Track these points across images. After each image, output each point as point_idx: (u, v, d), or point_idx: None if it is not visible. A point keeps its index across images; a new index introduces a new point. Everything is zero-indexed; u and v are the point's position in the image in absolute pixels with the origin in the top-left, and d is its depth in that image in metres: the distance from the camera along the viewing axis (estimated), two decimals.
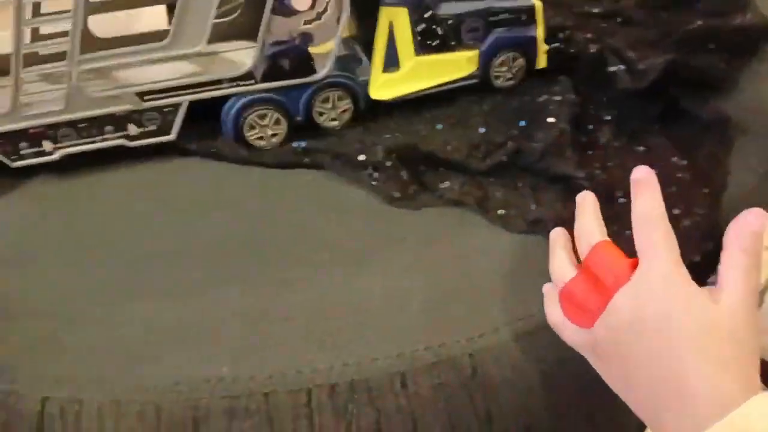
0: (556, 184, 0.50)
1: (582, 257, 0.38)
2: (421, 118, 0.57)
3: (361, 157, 0.52)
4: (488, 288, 0.44)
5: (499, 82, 0.59)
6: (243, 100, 0.55)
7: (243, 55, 0.56)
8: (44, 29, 0.54)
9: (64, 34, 0.51)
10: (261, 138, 0.57)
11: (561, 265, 0.40)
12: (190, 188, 0.54)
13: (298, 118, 0.57)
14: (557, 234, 0.42)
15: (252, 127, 0.56)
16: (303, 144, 0.55)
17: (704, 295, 0.34)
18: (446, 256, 0.46)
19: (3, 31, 0.50)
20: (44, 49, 0.52)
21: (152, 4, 0.58)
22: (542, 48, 0.59)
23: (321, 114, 0.57)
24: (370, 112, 0.58)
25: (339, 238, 0.49)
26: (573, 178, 0.49)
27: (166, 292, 0.45)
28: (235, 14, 0.58)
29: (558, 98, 0.55)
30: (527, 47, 0.58)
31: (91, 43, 0.53)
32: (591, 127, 0.55)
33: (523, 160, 0.51)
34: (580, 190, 0.42)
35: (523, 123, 0.54)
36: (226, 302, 0.44)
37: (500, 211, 0.48)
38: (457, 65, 0.57)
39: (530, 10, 0.58)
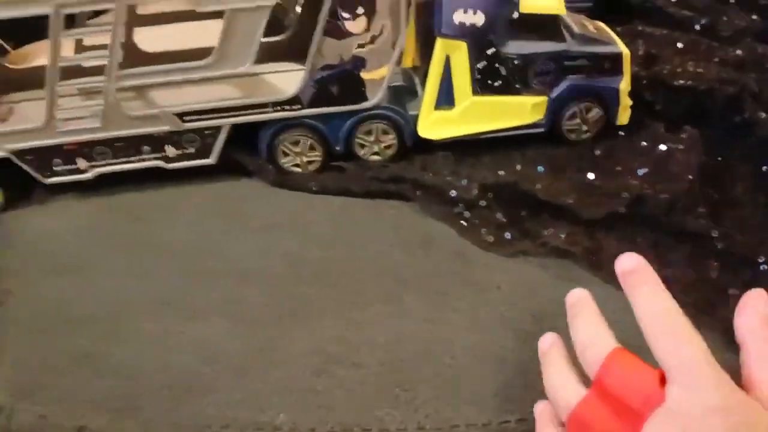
0: (683, 243, 0.45)
1: (589, 370, 0.31)
2: (521, 156, 0.53)
3: (453, 193, 0.49)
4: None
5: (573, 136, 0.54)
6: (278, 125, 0.52)
7: (290, 78, 0.54)
8: (88, 41, 0.51)
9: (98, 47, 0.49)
10: (297, 165, 0.54)
11: (563, 383, 0.32)
12: (263, 209, 0.52)
13: (338, 148, 0.54)
14: (549, 341, 0.34)
15: (285, 154, 0.54)
16: (390, 171, 0.52)
17: (756, 410, 0.28)
18: (545, 312, 0.42)
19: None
20: (85, 62, 0.49)
21: (194, 20, 0.56)
22: (626, 102, 0.54)
23: (362, 146, 0.55)
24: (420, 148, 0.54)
25: (423, 279, 0.45)
26: (705, 237, 0.44)
27: (227, 317, 0.43)
28: (284, 34, 0.56)
29: (682, 147, 0.50)
30: (607, 99, 0.53)
31: (133, 58, 0.51)
32: (724, 180, 0.49)
33: (645, 213, 0.47)
34: (712, 252, 0.37)
35: (642, 171, 0.49)
36: (291, 337, 0.41)
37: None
38: (520, 111, 0.52)
39: (616, 58, 0.52)
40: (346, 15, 0.48)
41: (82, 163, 0.52)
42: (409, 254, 0.47)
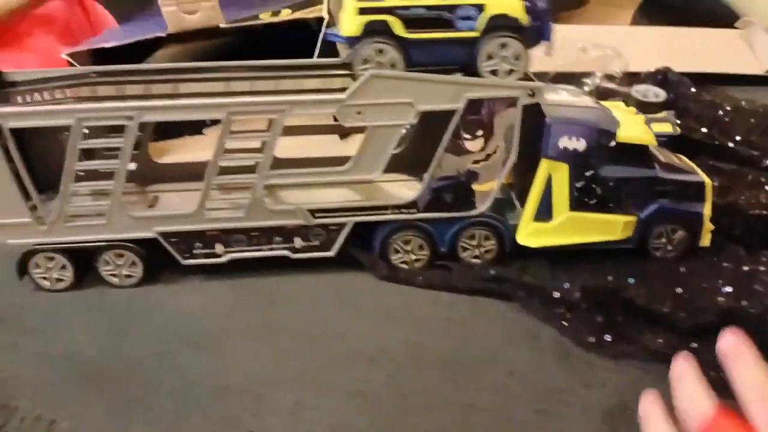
0: None
1: (685, 424, 0.34)
2: (612, 267, 0.57)
3: (556, 294, 0.54)
4: None
5: (659, 254, 0.59)
6: (394, 225, 0.59)
7: (407, 185, 0.61)
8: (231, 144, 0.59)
9: (247, 149, 0.56)
10: (405, 262, 0.60)
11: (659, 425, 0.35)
12: (376, 300, 0.57)
13: (443, 249, 0.60)
14: (650, 404, 0.37)
15: (396, 252, 0.60)
16: (493, 272, 0.57)
17: None
18: None
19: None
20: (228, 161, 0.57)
21: (335, 133, 0.64)
22: (708, 226, 0.59)
23: (465, 249, 0.60)
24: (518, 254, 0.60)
25: (530, 372, 0.49)
26: None
27: (356, 395, 0.47)
28: (402, 148, 0.63)
29: (764, 268, 0.54)
30: (692, 223, 0.58)
31: (276, 161, 0.59)
32: None
33: (735, 325, 0.51)
34: None
35: (727, 290, 0.53)
36: (413, 416, 0.46)
37: (711, 373, 0.43)
38: (612, 227, 0.58)
39: (699, 187, 0.58)
40: (467, 135, 0.55)
41: (219, 248, 0.59)
42: (516, 348, 0.52)
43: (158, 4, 0.92)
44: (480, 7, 0.53)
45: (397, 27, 0.53)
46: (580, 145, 0.55)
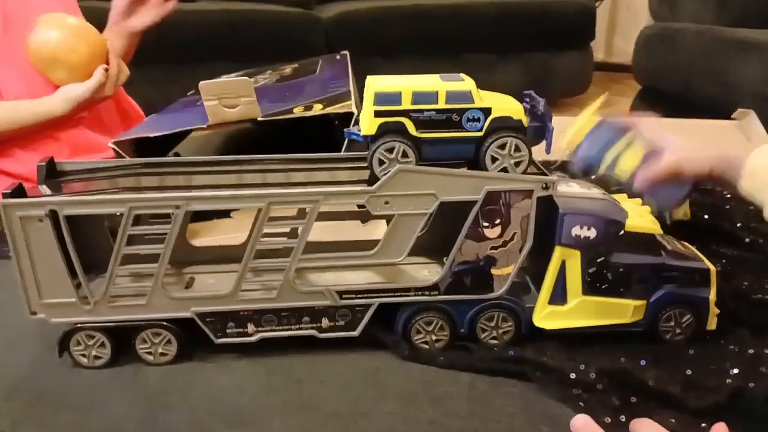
0: None
1: None
2: (624, 349, 0.60)
3: (572, 375, 0.56)
4: None
5: (668, 337, 0.62)
6: (416, 306, 0.62)
7: (428, 268, 0.65)
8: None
9: (279, 234, 0.61)
10: (426, 342, 0.63)
11: None
12: (399, 379, 0.60)
13: (462, 330, 0.63)
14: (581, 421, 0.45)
15: (418, 332, 0.63)
16: (512, 352, 0.60)
17: None
18: None
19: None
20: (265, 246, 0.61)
21: (357, 218, 0.68)
22: (714, 310, 0.62)
23: (483, 330, 0.63)
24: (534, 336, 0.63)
25: None
26: None
27: None
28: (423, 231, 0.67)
29: None
30: (698, 307, 0.62)
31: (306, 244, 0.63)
32: None
33: (743, 405, 0.53)
34: None
35: (735, 371, 0.56)
36: None
37: None
38: (623, 311, 0.61)
39: (705, 273, 0.62)
40: (485, 223, 0.59)
41: (251, 327, 0.62)
42: (536, 428, 0.54)
43: (189, 95, 0.99)
44: (486, 111, 0.58)
45: (410, 127, 0.58)
46: (591, 233, 0.60)
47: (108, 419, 0.56)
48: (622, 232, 0.61)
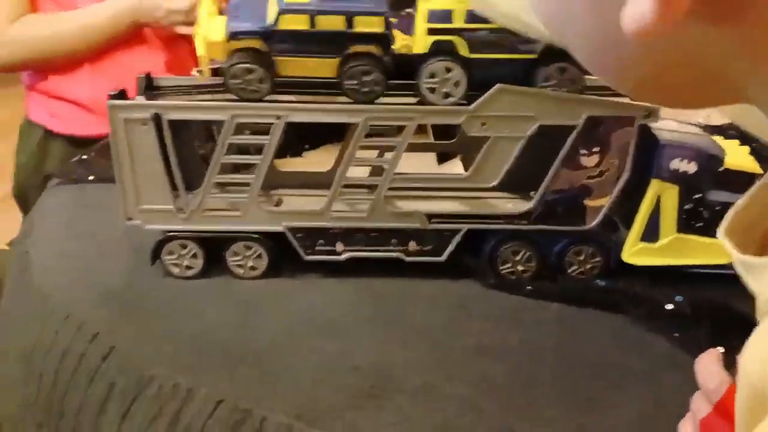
0: None
1: (711, 399, 0.42)
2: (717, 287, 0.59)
3: (668, 306, 0.56)
4: None
5: None
6: (504, 235, 0.62)
7: (514, 202, 0.64)
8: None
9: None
10: (512, 272, 0.63)
11: (700, 400, 0.43)
12: (485, 305, 0.60)
13: (549, 263, 0.62)
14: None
15: (505, 261, 0.63)
16: (602, 283, 0.60)
17: None
18: None
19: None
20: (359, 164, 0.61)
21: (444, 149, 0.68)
22: None
23: (571, 264, 0.63)
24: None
25: (645, 375, 0.51)
26: None
27: (482, 383, 0.51)
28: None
29: None
30: None
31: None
32: None
33: None
34: None
35: None
36: (535, 405, 0.49)
37: None
38: (715, 252, 0.59)
39: None
40: (583, 151, 0.59)
41: (339, 246, 0.63)
42: (628, 355, 0.54)
43: None
44: None
45: (462, 48, 0.57)
46: (690, 167, 0.58)
47: (203, 325, 0.57)
48: (721, 168, 0.59)
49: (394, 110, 0.58)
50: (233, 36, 0.57)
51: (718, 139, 0.65)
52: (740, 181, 0.60)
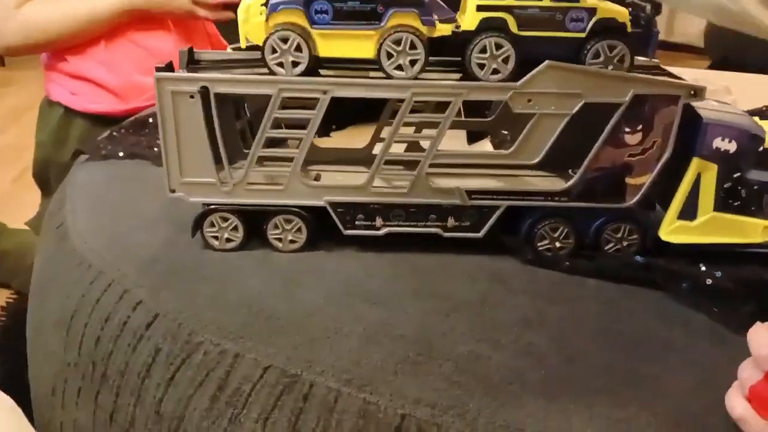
0: None
1: (763, 366, 0.43)
2: (750, 268, 0.60)
3: (708, 281, 0.57)
4: None
5: None
6: (543, 212, 0.62)
7: (552, 180, 0.65)
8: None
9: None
10: (549, 249, 0.64)
11: (749, 367, 0.45)
12: (522, 280, 0.61)
13: (587, 240, 0.63)
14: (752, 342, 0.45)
15: (542, 238, 0.63)
16: (640, 260, 0.61)
17: None
18: None
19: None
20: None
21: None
22: None
23: (608, 241, 0.64)
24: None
25: (687, 348, 0.52)
26: None
27: (526, 353, 0.51)
28: None
29: None
30: None
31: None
32: None
33: None
34: None
35: None
36: (579, 376, 0.49)
37: None
38: (752, 231, 0.60)
39: None
40: (627, 129, 0.59)
41: (378, 221, 0.63)
42: (669, 329, 0.55)
43: None
44: (591, 11, 0.57)
45: (512, 24, 0.57)
46: (731, 146, 0.59)
47: (246, 291, 0.58)
48: (762, 148, 0.60)
49: (441, 86, 0.58)
50: (273, 8, 0.57)
51: (758, 120, 0.66)
52: None
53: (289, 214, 0.63)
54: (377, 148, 0.69)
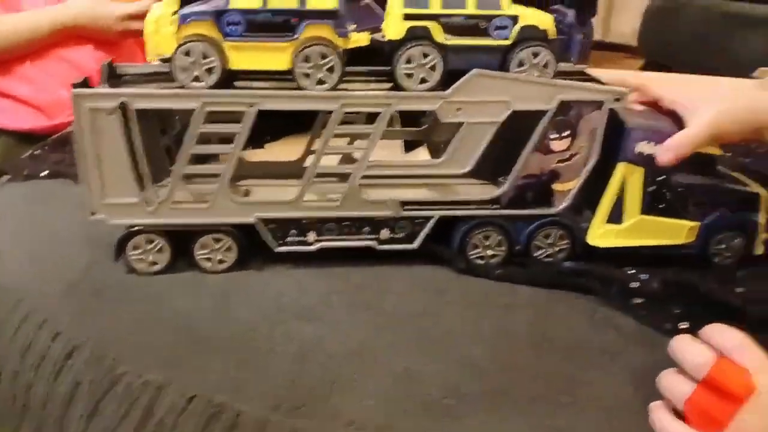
0: None
1: (696, 375, 0.44)
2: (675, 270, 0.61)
3: (634, 285, 0.57)
4: None
5: (716, 260, 0.63)
6: (475, 221, 0.62)
7: (483, 188, 0.64)
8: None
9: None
10: (481, 257, 0.64)
11: (679, 381, 0.45)
12: (458, 290, 0.60)
13: (518, 247, 0.63)
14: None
15: (475, 247, 0.63)
16: (570, 265, 0.61)
17: None
18: None
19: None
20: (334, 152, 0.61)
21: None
22: (763, 235, 0.63)
23: (539, 248, 0.64)
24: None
25: (620, 353, 0.52)
26: None
27: (463, 366, 0.51)
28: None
29: None
30: (749, 230, 0.63)
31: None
32: None
33: None
34: None
35: None
36: (517, 386, 0.49)
37: None
38: (677, 232, 0.62)
39: (755, 198, 0.63)
40: (553, 135, 0.60)
41: (311, 236, 0.62)
42: (602, 334, 0.55)
43: None
44: (514, 19, 0.58)
45: (438, 33, 0.57)
46: (655, 150, 0.60)
47: (171, 317, 0.55)
48: None
49: (371, 97, 0.58)
50: (183, 19, 0.55)
51: None
52: (702, 163, 0.63)
53: (217, 233, 0.61)
54: (309, 161, 0.67)
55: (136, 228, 0.60)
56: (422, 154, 0.76)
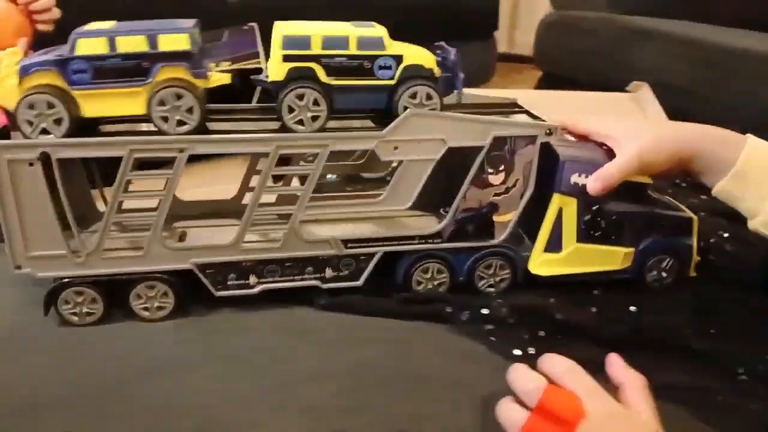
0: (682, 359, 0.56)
1: (531, 400, 0.45)
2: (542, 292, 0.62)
3: (484, 311, 0.58)
4: None
5: (655, 284, 0.65)
6: (417, 255, 0.62)
7: (426, 220, 0.65)
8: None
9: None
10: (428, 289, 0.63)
11: (513, 410, 0.45)
12: (320, 328, 0.59)
13: (461, 279, 0.64)
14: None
15: (419, 282, 0.63)
16: (424, 292, 0.62)
17: (631, 412, 0.44)
18: None
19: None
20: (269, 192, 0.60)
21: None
22: (695, 258, 0.66)
23: (481, 278, 0.64)
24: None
25: (470, 383, 0.52)
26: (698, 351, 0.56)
27: (308, 412, 0.49)
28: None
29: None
30: (682, 254, 0.65)
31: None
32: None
33: (645, 336, 0.58)
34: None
35: (633, 308, 0.61)
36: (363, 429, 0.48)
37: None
38: (613, 258, 0.63)
39: (688, 222, 0.65)
40: (490, 170, 0.60)
41: (253, 279, 0.60)
42: (454, 363, 0.55)
43: None
44: (398, 58, 0.58)
45: (321, 74, 0.57)
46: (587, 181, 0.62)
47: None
48: None
49: (307, 137, 0.57)
50: (25, 71, 0.53)
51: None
52: (633, 191, 0.64)
53: (152, 281, 0.58)
54: (247, 197, 0.66)
55: (66, 280, 0.57)
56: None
